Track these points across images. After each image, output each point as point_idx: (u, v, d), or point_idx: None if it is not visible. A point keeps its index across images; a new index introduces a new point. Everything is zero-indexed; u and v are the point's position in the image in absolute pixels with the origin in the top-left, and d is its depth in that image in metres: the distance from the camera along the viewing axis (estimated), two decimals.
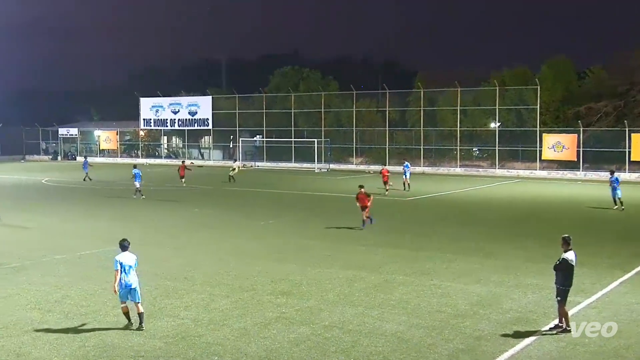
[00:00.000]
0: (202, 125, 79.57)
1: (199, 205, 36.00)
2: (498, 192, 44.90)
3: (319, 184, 50.22)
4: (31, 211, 34.18)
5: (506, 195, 43.14)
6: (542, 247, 23.10)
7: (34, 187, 48.23)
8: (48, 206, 36.60)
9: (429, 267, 20.21)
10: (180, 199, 39.20)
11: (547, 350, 12.96)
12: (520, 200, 40.19)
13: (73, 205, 36.84)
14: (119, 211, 34.05)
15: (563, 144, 59.22)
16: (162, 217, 32.16)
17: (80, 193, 43.98)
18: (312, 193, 43.59)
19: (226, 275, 19.12)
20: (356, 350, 12.88)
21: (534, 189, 47.30)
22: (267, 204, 36.81)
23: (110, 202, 38.02)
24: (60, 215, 32.45)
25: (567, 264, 14.03)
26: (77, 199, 40.28)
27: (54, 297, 16.70)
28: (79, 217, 31.90)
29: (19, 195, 42.60)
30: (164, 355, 12.62)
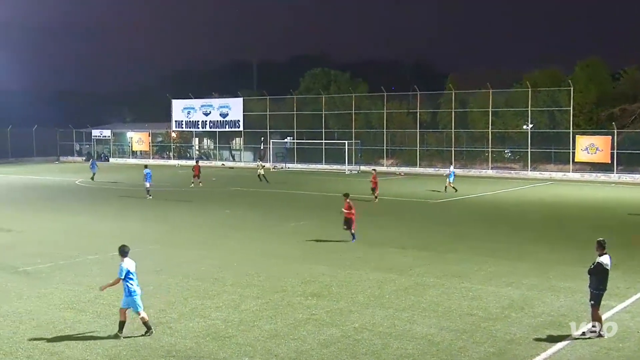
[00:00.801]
0: (233, 126, 79.90)
1: (229, 207, 36.17)
2: (530, 195, 44.50)
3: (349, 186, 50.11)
4: (65, 212, 34.63)
5: (538, 197, 42.73)
6: (575, 250, 22.86)
7: (67, 188, 48.83)
8: (81, 207, 37.02)
9: (459, 270, 20.09)
10: (211, 200, 39.41)
11: (580, 355, 12.81)
12: (553, 202, 39.79)
13: (106, 206, 37.24)
14: (151, 212, 34.34)
15: (597, 146, 58.50)
16: (193, 217, 32.37)
17: (112, 194, 44.42)
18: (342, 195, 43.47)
19: (256, 276, 19.19)
20: (386, 353, 12.85)
21: (566, 191, 46.80)
22: (298, 206, 36.88)
23: (142, 203, 38.34)
24: (94, 216, 32.81)
25: (601, 267, 13.86)
26: (109, 200, 40.70)
27: (87, 297, 16.89)
28: (111, 218, 32.23)
29: (53, 196, 43.16)
30: (195, 356, 12.70)
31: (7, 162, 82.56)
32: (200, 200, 39.78)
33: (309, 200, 40.93)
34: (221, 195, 42.35)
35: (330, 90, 76.78)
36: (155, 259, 21.55)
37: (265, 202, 39.21)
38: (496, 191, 45.93)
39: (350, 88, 73.94)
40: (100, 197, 42.38)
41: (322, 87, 76.56)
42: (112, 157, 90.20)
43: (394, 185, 50.95)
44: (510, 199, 41.92)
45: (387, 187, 49.22)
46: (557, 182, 54.82)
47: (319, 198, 42.10)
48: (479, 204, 38.90)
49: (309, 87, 79.98)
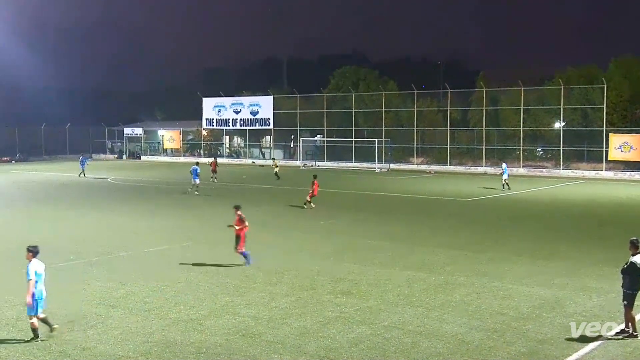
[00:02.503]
0: (264, 124, 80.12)
1: (257, 204, 36.27)
2: (562, 193, 44.06)
3: (380, 184, 50.08)
4: (97, 209, 35.00)
5: (571, 196, 42.29)
6: (607, 250, 22.60)
7: (100, 186, 49.34)
8: (114, 204, 37.40)
9: (490, 269, 19.97)
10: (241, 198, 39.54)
11: (613, 356, 12.67)
12: (585, 201, 39.35)
13: (137, 203, 37.60)
14: (182, 209, 34.58)
15: (631, 145, 57.76)
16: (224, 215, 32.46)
17: (144, 191, 44.85)
18: (373, 193, 43.48)
19: (286, 273, 19.23)
20: (416, 352, 12.81)
21: (599, 190, 46.25)
22: (328, 204, 36.87)
23: (173, 200, 38.64)
24: (125, 213, 33.13)
25: (635, 267, 13.68)
26: (141, 197, 41.08)
27: (119, 293, 17.07)
28: (143, 215, 32.52)
29: (85, 193, 43.64)
30: (224, 352, 12.77)
31: (41, 159, 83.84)
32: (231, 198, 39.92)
33: (339, 198, 40.90)
34: (252, 193, 42.48)
35: (360, 88, 76.70)
36: (186, 256, 21.71)
37: (295, 200, 39.24)
38: (528, 190, 45.53)
39: (380, 86, 73.80)
40: (133, 194, 42.79)
41: (351, 85, 76.49)
42: (143, 154, 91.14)
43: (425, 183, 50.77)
44: (541, 197, 41.54)
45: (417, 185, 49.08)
46: (590, 181, 54.21)
47: (349, 196, 42.08)
48: (510, 203, 38.59)
49: (339, 85, 79.82)
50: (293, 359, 12.46)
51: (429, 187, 47.36)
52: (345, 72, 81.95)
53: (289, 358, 12.49)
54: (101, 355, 12.65)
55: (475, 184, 49.02)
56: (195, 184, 41.27)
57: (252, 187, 45.75)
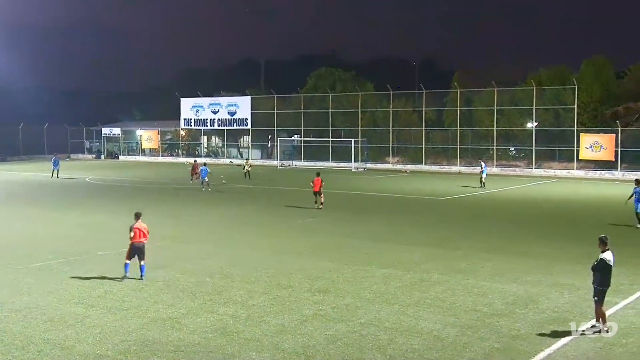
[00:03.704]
0: (241, 125, 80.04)
1: (237, 204, 36.21)
2: (535, 192, 44.42)
3: (356, 183, 50.17)
4: (75, 208, 34.72)
5: (543, 195, 42.65)
6: (578, 247, 22.80)
7: (78, 186, 48.95)
8: (92, 203, 37.13)
9: (464, 266, 20.07)
10: (220, 198, 39.46)
11: (584, 351, 12.78)
12: (557, 200, 39.72)
13: (116, 202, 37.32)
14: (160, 209, 34.38)
15: (601, 144, 58.37)
16: (203, 215, 32.43)
17: (123, 191, 44.58)
18: (349, 192, 43.56)
19: (264, 272, 19.19)
20: (392, 348, 12.85)
21: (571, 189, 46.70)
22: (305, 203, 36.85)
23: (152, 200, 38.43)
24: (104, 213, 32.89)
25: (604, 264, 13.82)
26: (120, 196, 40.81)
27: (97, 292, 16.93)
28: (121, 214, 32.21)
29: (63, 193, 43.27)
30: (203, 350, 12.72)
31: (19, 159, 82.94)
32: (209, 197, 39.83)
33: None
34: (230, 193, 42.33)
35: (336, 89, 76.88)
36: (164, 255, 21.60)
37: (273, 200, 39.23)
38: (501, 189, 45.83)
39: (356, 87, 73.97)
40: (111, 194, 42.52)
41: (328, 86, 76.66)
42: (121, 154, 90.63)
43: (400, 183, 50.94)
44: (515, 196, 41.86)
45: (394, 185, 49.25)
46: (562, 180, 54.72)
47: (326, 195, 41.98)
48: (484, 202, 38.85)
49: (316, 85, 79.97)
50: (271, 356, 12.44)
51: (404, 186, 47.52)
52: (322, 73, 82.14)
53: (267, 355, 12.46)
54: (80, 354, 12.54)
55: (450, 183, 49.33)
56: (206, 182, 43.23)
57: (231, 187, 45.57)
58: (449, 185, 47.54)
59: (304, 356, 12.43)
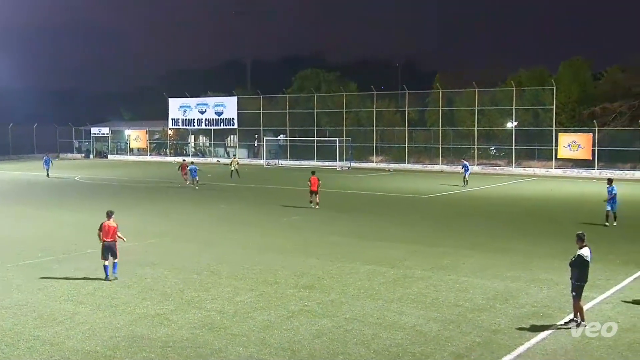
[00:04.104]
0: (228, 124, 79.97)
1: (224, 202, 36.14)
2: (515, 190, 44.64)
3: (341, 182, 50.17)
4: (65, 207, 34.56)
5: (523, 193, 42.87)
6: (557, 244, 22.97)
7: (67, 184, 48.68)
8: (81, 202, 36.93)
9: (446, 263, 20.15)
10: (207, 196, 39.37)
11: (562, 344, 12.88)
12: (536, 198, 39.92)
13: (105, 201, 37.04)
14: (150, 207, 34.32)
15: (578, 143, 58.77)
16: (191, 212, 32.34)
17: (111, 190, 44.37)
18: (334, 190, 43.54)
19: (251, 269, 19.19)
20: (376, 343, 12.89)
21: (549, 187, 46.94)
22: (291, 201, 36.87)
23: (141, 199, 38.33)
24: (93, 211, 32.62)
25: (581, 260, 13.92)
26: (109, 195, 40.60)
27: (87, 289, 16.86)
28: None
29: (54, 192, 43.02)
30: (191, 346, 12.70)
31: (8, 158, 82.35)
32: (197, 196, 39.73)
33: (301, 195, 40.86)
34: (217, 191, 42.26)
35: (321, 89, 77.02)
36: (153, 253, 21.55)
37: (260, 198, 39.20)
38: (482, 187, 46.00)
39: (340, 87, 74.10)
40: (100, 193, 42.30)
41: (313, 87, 76.78)
42: (110, 154, 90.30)
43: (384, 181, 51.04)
44: (495, 194, 42.04)
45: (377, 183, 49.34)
46: (541, 178, 54.99)
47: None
48: (465, 199, 39.00)
49: (301, 86, 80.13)
50: (258, 351, 12.44)
51: (388, 185, 47.61)
52: (307, 74, 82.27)
53: (254, 350, 12.46)
54: (69, 350, 12.49)
55: (433, 182, 49.49)
56: (196, 180, 43.32)
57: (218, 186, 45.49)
58: (431, 184, 47.69)
59: (290, 351, 12.45)
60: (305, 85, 79.24)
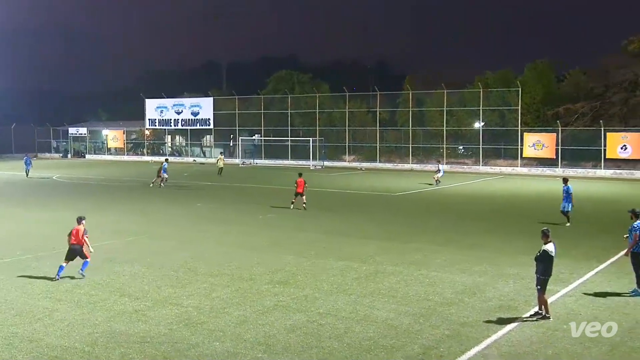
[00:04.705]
0: (204, 125, 79.65)
1: (201, 200, 35.96)
2: (482, 188, 44.96)
3: (314, 181, 50.08)
4: (44, 206, 34.13)
5: (489, 190, 43.20)
6: (522, 239, 23.17)
7: (46, 184, 48.09)
8: (60, 201, 36.51)
9: (417, 258, 20.23)
10: (184, 195, 39.16)
11: (528, 336, 13.01)
12: (503, 195, 40.26)
13: (83, 200, 36.77)
14: (127, 206, 34.03)
15: (543, 143, 59.40)
16: (168, 211, 32.12)
17: (89, 189, 43.94)
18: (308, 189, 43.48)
19: (227, 266, 19.11)
20: (349, 336, 12.90)
21: (515, 184, 47.38)
22: (266, 200, 36.81)
23: (119, 197, 37.99)
24: (71, 210, 32.27)
25: (546, 255, 14.07)
26: (87, 194, 40.21)
27: (65, 286, 16.67)
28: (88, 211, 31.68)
29: (32, 191, 42.49)
30: (168, 341, 12.62)
31: None
32: (174, 195, 39.48)
33: (276, 194, 40.85)
34: (194, 190, 42.02)
35: (295, 90, 77.06)
36: (131, 250, 21.38)
37: (235, 196, 39.08)
38: (451, 185, 46.27)
39: (313, 89, 74.18)
40: (79, 191, 41.86)
41: (287, 88, 76.79)
42: (88, 153, 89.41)
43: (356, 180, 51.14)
44: (463, 192, 42.31)
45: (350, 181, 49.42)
46: (507, 177, 55.45)
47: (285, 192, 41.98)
48: (435, 197, 39.21)
49: (276, 87, 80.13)
50: (233, 346, 12.40)
51: (360, 183, 47.70)
52: (281, 76, 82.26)
53: (230, 345, 12.42)
54: (48, 346, 12.35)
55: (403, 180, 49.71)
56: (164, 178, 42.23)
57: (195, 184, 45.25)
58: (401, 182, 47.91)
59: (265, 345, 12.42)
60: (279, 87, 79.24)
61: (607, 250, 21.35)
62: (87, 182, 48.44)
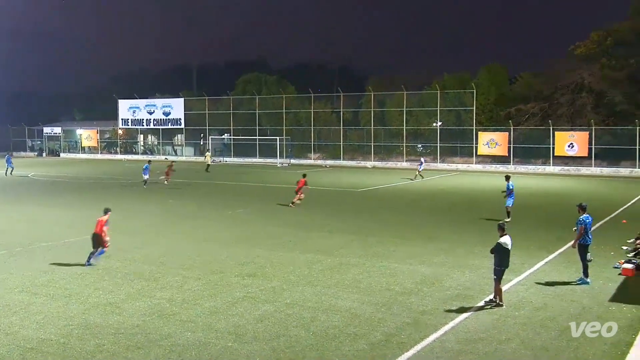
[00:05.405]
0: (175, 124, 79.11)
1: (173, 197, 35.65)
2: (440, 184, 45.30)
3: (281, 177, 50.12)
4: (20, 203, 33.50)
5: (447, 186, 43.54)
6: (477, 232, 23.42)
7: (22, 182, 47.22)
8: (35, 198, 35.86)
9: (379, 251, 20.32)
10: (156, 191, 38.76)
11: (483, 322, 13.16)
12: (459, 190, 40.61)
13: (58, 197, 36.20)
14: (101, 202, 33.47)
15: (496, 141, 60.15)
16: (141, 207, 31.78)
17: (64, 186, 43.23)
18: (275, 185, 43.48)
19: (198, 259, 18.99)
20: (314, 325, 12.92)
21: (471, 180, 47.85)
22: (235, 196, 36.63)
23: (93, 194, 37.45)
24: (47, 206, 31.86)
25: (501, 247, 14.24)
26: (62, 191, 39.57)
27: (41, 280, 16.41)
28: (63, 208, 31.36)
29: (8, 189, 41.67)
30: (141, 332, 12.50)
31: None
32: (146, 191, 39.07)
33: (245, 190, 40.70)
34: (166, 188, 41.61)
35: (263, 92, 76.95)
36: None
37: (206, 193, 38.82)
38: (411, 181, 46.56)
39: (280, 90, 74.17)
40: (54, 189, 41.17)
41: (255, 89, 76.72)
42: (62, 152, 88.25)
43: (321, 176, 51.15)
44: (422, 188, 42.58)
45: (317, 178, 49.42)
46: (463, 173, 56.01)
47: (253, 188, 41.91)
48: (396, 193, 39.39)
49: (244, 89, 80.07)
50: (205, 335, 12.33)
51: (325, 180, 47.73)
52: (250, 78, 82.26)
53: (201, 335, 12.35)
54: (24, 339, 12.14)
55: (365, 177, 49.86)
56: (144, 179, 40.83)
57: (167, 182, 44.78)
58: (364, 179, 48.05)
59: (235, 335, 12.37)
60: (247, 88, 79.34)
61: (556, 241, 21.69)
62: (62, 180, 47.68)
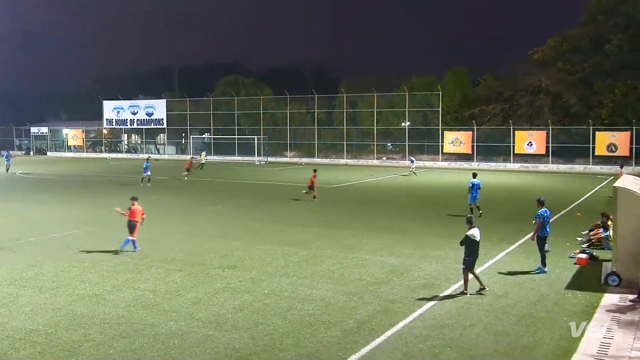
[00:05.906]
0: (158, 124, 78.65)
1: (156, 194, 35.36)
2: (408, 180, 45.53)
3: (259, 174, 50.03)
4: (8, 200, 32.98)
5: (415, 182, 43.78)
6: (445, 225, 23.59)
7: (9, 178, 46.51)
8: (22, 195, 35.34)
9: (351, 243, 20.37)
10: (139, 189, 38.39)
11: (449, 309, 13.26)
12: (426, 186, 40.85)
13: (45, 194, 35.71)
14: (87, 199, 33.19)
15: (460, 140, 60.70)
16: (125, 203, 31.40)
17: (51, 183, 42.66)
18: (254, 182, 43.38)
19: (180, 252, 18.87)
20: (291, 314, 12.92)
21: (437, 177, 48.18)
22: (215, 192, 36.44)
23: (79, 191, 37.02)
24: (34, 203, 31.40)
25: (469, 239, 14.38)
26: (48, 188, 39.03)
27: (28, 274, 16.18)
28: (50, 204, 30.93)
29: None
30: (126, 322, 12.39)
31: None
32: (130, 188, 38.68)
33: (224, 187, 40.51)
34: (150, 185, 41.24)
35: (241, 93, 76.91)
36: (90, 240, 20.87)
37: (187, 189, 38.55)
38: (381, 177, 46.78)
39: (257, 92, 74.18)
40: (41, 186, 40.58)
41: (234, 91, 76.57)
42: (49, 151, 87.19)
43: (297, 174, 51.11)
44: (392, 184, 42.79)
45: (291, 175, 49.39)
46: (429, 170, 56.34)
47: (233, 185, 41.74)
48: (366, 189, 39.52)
49: (224, 90, 79.93)
50: (187, 324, 12.26)
51: (301, 176, 47.65)
52: (229, 80, 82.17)
53: (184, 324, 12.28)
54: (13, 329, 11.96)
55: (339, 174, 49.93)
56: (145, 177, 39.67)
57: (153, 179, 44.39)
58: (337, 175, 48.12)
59: (216, 323, 12.32)
60: (227, 90, 79.24)
61: (516, 233, 21.92)
62: (49, 178, 47.05)
